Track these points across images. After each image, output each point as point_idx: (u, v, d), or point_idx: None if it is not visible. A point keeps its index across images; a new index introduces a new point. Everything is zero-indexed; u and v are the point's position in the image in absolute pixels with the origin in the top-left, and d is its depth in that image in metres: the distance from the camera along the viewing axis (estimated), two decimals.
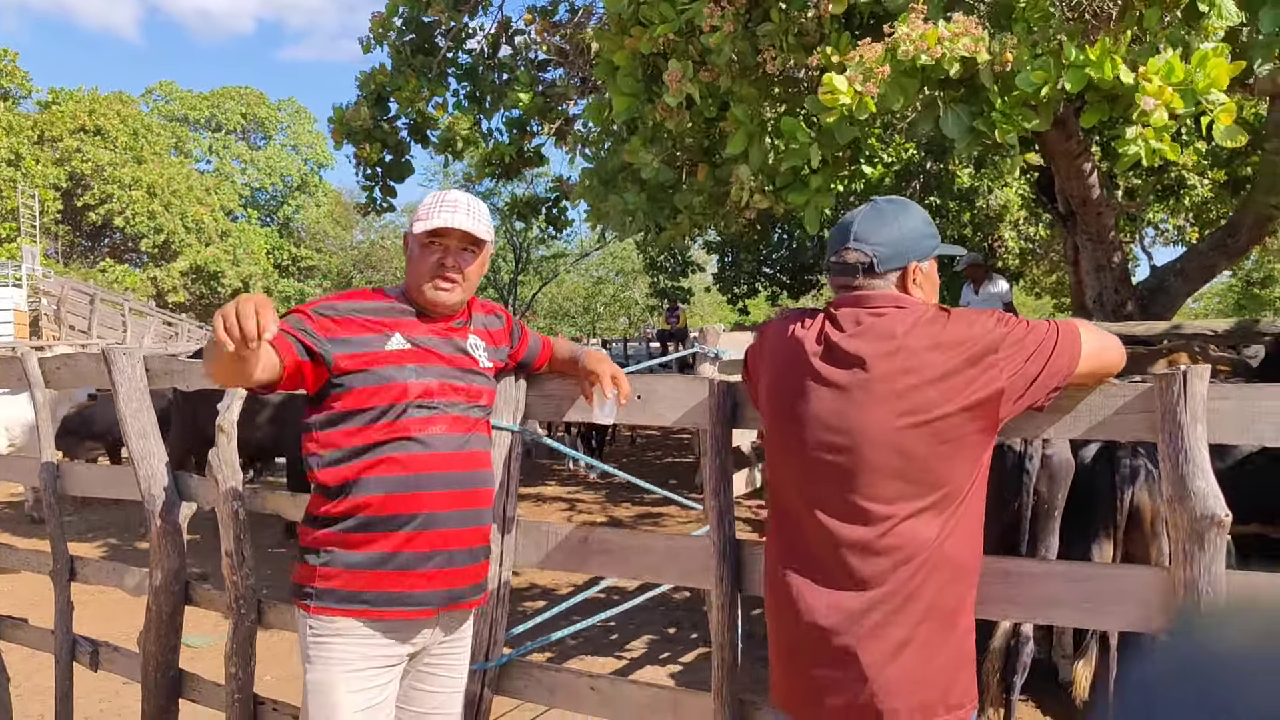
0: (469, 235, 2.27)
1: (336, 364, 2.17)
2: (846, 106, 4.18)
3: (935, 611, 1.79)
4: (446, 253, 2.27)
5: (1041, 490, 3.36)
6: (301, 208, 45.56)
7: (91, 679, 4.32)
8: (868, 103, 4.17)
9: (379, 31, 7.77)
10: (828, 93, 4.18)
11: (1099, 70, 4.07)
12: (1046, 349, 1.81)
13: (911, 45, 4.15)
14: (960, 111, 4.47)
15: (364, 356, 2.19)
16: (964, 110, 4.47)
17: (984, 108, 4.42)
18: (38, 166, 31.07)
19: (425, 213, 2.26)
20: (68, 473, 3.90)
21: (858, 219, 1.95)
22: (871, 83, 4.17)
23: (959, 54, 4.17)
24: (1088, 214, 7.74)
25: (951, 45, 4.16)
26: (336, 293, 2.34)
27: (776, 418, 1.97)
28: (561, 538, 2.67)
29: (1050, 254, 15.65)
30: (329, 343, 2.17)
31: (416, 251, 2.29)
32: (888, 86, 4.20)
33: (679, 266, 22.03)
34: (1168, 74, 4.06)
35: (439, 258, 2.26)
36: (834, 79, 4.16)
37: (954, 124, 4.48)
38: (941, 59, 4.16)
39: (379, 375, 2.19)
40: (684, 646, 5.49)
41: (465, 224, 2.24)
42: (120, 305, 25.36)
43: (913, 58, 4.14)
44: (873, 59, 4.18)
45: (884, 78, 4.17)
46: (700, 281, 28.18)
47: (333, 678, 2.18)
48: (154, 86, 45.16)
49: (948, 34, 4.18)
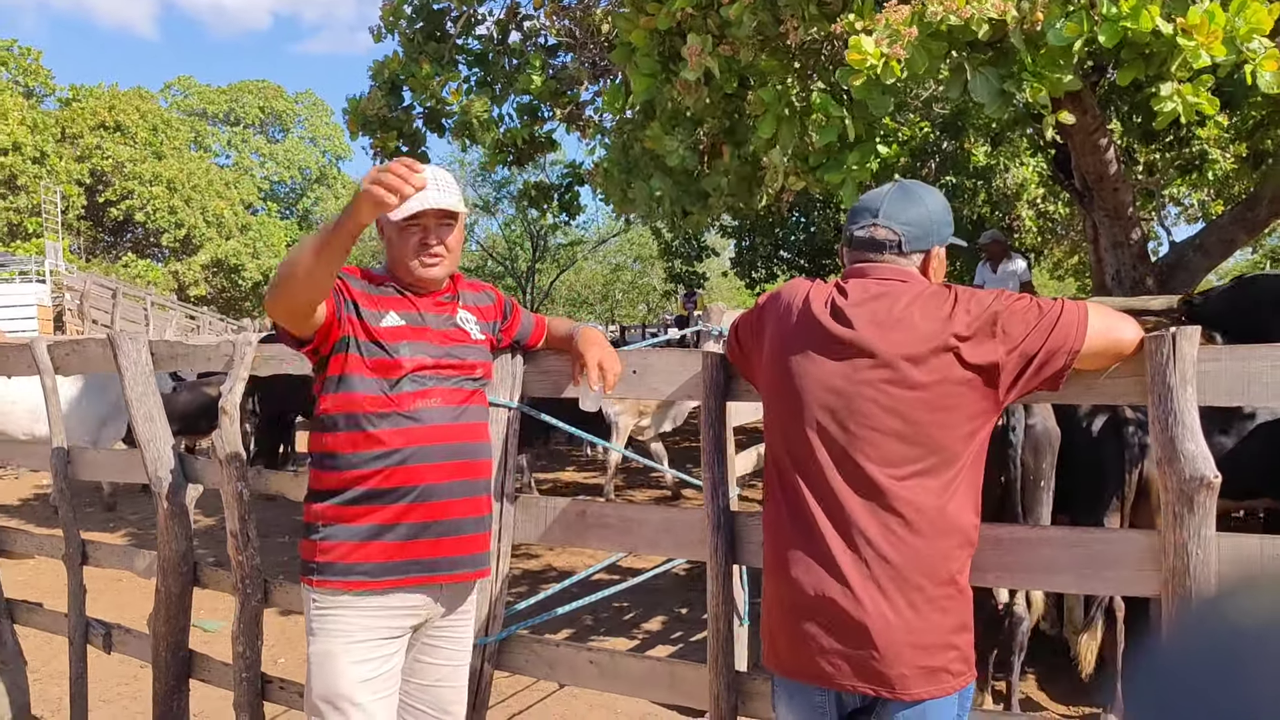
0: (444, 210, 2.27)
1: (352, 322, 2.21)
2: (873, 69, 4.11)
3: (939, 576, 1.80)
4: (426, 231, 2.28)
5: (1027, 461, 3.33)
6: (320, 200, 45.79)
7: (111, 664, 4.38)
8: (894, 66, 4.10)
9: (390, 20, 7.76)
10: (855, 54, 4.12)
11: (1134, 22, 3.97)
12: (1046, 325, 1.80)
13: (940, 6, 4.08)
14: (989, 74, 4.39)
15: (368, 327, 2.23)
16: (993, 73, 4.39)
17: (1013, 69, 4.34)
18: (60, 163, 31.34)
19: None
20: (79, 457, 3.95)
21: (886, 197, 1.99)
22: (899, 45, 4.10)
23: (988, 14, 4.09)
24: (1105, 190, 7.65)
25: (980, 5, 4.08)
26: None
27: (778, 380, 1.98)
28: (559, 512, 2.68)
29: (1071, 233, 15.50)
30: (350, 301, 2.23)
31: (395, 235, 2.30)
32: (915, 50, 4.12)
33: (695, 251, 21.96)
34: (1208, 22, 3.97)
35: (420, 237, 2.28)
36: (861, 40, 4.10)
37: (983, 87, 4.38)
38: (970, 20, 4.08)
39: (376, 348, 2.22)
40: (696, 626, 5.50)
41: (440, 201, 2.24)
42: (143, 299, 25.58)
43: (941, 19, 4.07)
44: (900, 21, 4.11)
45: (911, 40, 4.09)
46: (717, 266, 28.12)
47: (335, 648, 2.20)
48: (172, 82, 45.47)
49: None
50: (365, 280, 2.31)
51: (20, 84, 33.88)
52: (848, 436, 1.83)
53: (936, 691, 1.79)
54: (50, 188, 29.56)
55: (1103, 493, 3.51)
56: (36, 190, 29.71)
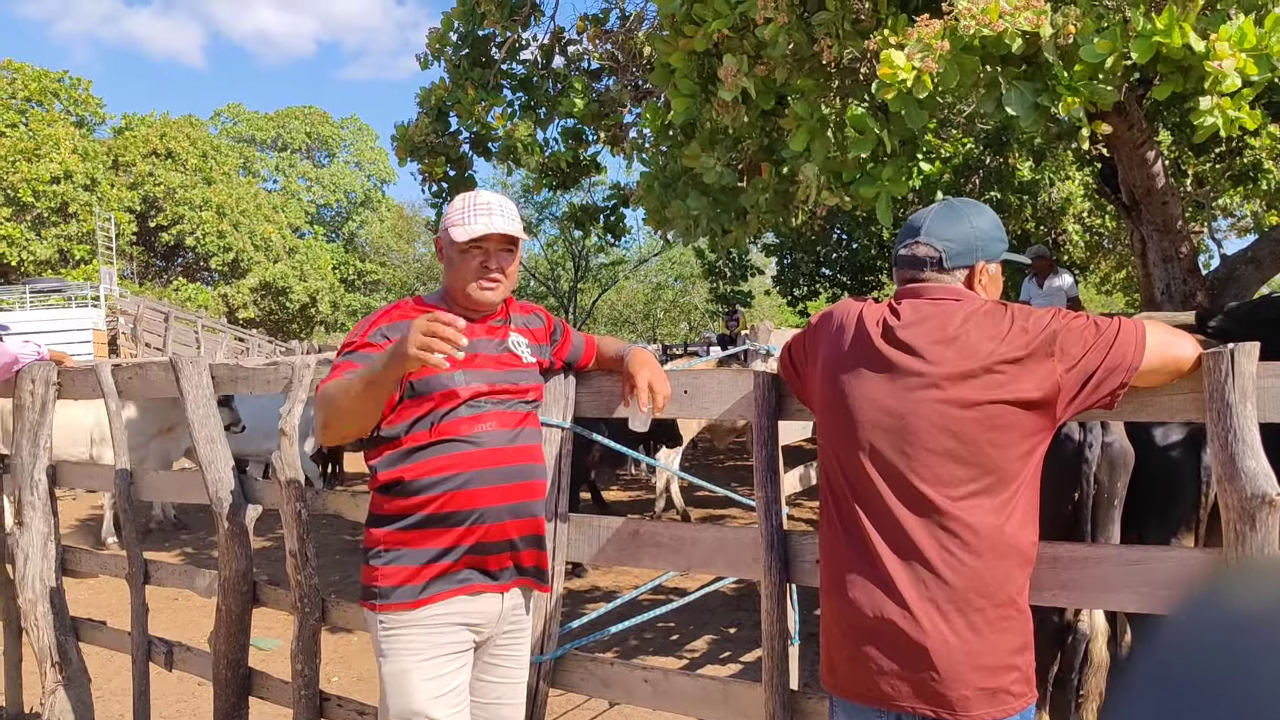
0: (507, 236, 2.32)
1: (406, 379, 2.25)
2: (904, 83, 4.13)
3: (999, 597, 1.79)
4: (488, 255, 2.33)
5: (1102, 479, 3.29)
6: (365, 223, 46.42)
7: (170, 680, 4.47)
8: (925, 80, 4.11)
9: (436, 47, 7.89)
10: (886, 68, 4.14)
11: (1167, 38, 3.96)
12: (1105, 344, 1.80)
13: (972, 20, 4.08)
14: (1023, 88, 4.38)
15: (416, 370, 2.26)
16: (1027, 87, 4.38)
17: (1047, 83, 4.34)
18: (113, 191, 32.09)
19: (460, 218, 2.31)
20: (141, 479, 4.05)
21: (930, 215, 2.01)
22: (930, 59, 4.11)
23: (1021, 28, 4.08)
24: (1153, 204, 7.56)
25: (1013, 19, 4.08)
26: (378, 311, 2.41)
27: (831, 400, 1.99)
28: (613, 532, 2.71)
29: (1118, 247, 15.31)
30: None
31: (456, 257, 2.34)
32: (947, 64, 4.13)
33: (738, 270, 21.95)
34: (1240, 40, 3.95)
35: (481, 261, 2.33)
36: (892, 55, 4.11)
37: (1017, 101, 4.38)
38: (1003, 34, 4.08)
39: (430, 384, 2.26)
40: (745, 646, 5.49)
41: (503, 227, 2.30)
42: (193, 323, 26.07)
43: (974, 33, 4.08)
44: (932, 35, 4.13)
45: (943, 54, 4.10)
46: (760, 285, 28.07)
47: (407, 666, 2.25)
48: (222, 109, 46.42)
49: (1008, 8, 4.09)
50: (411, 317, 2.34)
51: (71, 114, 34.76)
52: (902, 457, 1.84)
53: (998, 713, 1.78)
54: (103, 215, 30.25)
55: (1176, 511, 3.45)
56: (87, 218, 30.42)
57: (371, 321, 2.35)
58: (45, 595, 4.06)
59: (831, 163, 5.07)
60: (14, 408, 4.11)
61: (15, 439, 4.09)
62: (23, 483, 4.05)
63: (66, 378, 4.16)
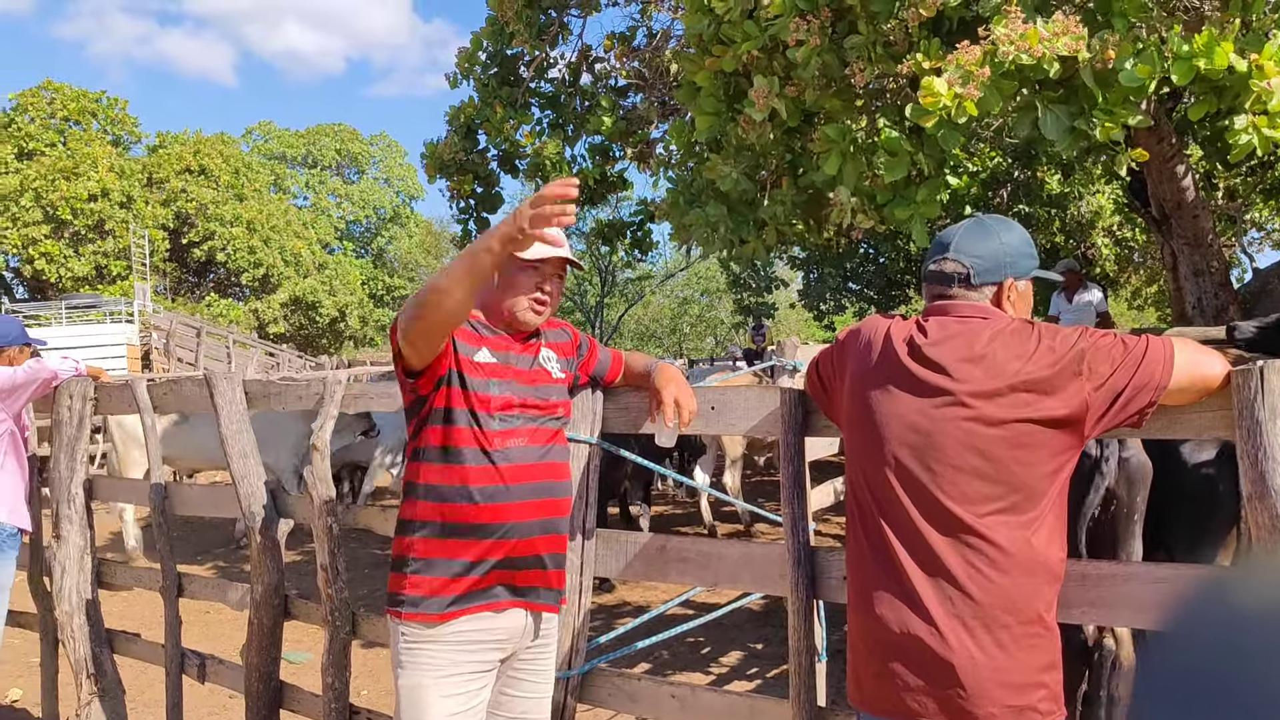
0: (564, 262, 2.37)
1: (455, 356, 2.28)
2: (946, 109, 4.14)
3: (1026, 614, 1.79)
4: (544, 278, 2.37)
5: (1120, 494, 3.27)
6: (394, 239, 46.85)
7: (202, 693, 4.52)
8: (968, 106, 4.12)
9: (465, 66, 7.98)
10: (928, 96, 4.15)
11: (1208, 60, 3.95)
12: (1133, 362, 1.79)
13: (1011, 46, 4.09)
14: (1059, 112, 4.39)
15: (464, 361, 2.30)
16: (1063, 110, 4.38)
17: (1083, 106, 4.34)
18: (147, 208, 32.60)
19: None
20: (175, 493, 4.11)
21: (959, 232, 2.01)
22: (972, 85, 4.12)
23: (1059, 52, 4.09)
24: (1183, 218, 7.52)
25: (1052, 44, 4.09)
26: None
27: (858, 417, 1.99)
28: (640, 547, 2.72)
29: (1149, 261, 15.18)
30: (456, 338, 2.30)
31: (514, 274, 2.35)
32: (987, 89, 4.14)
33: (764, 283, 21.95)
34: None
35: (537, 282, 2.36)
36: (934, 82, 4.12)
37: (1053, 125, 4.38)
38: (1042, 58, 4.09)
39: (470, 383, 2.29)
40: (772, 661, 5.47)
41: (567, 253, 2.36)
42: (225, 337, 26.39)
43: (1013, 59, 4.09)
44: (971, 62, 4.14)
45: (984, 80, 4.11)
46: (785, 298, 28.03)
47: (425, 681, 2.25)
48: (253, 126, 47.02)
49: (1047, 34, 4.10)
50: None
51: (108, 132, 35.37)
52: (929, 474, 1.84)
53: None
54: (138, 231, 30.73)
55: (1210, 527, 3.42)
56: (124, 235, 30.92)
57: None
58: (81, 608, 4.12)
59: (864, 185, 5.08)
60: (52, 423, 4.19)
61: (53, 453, 4.17)
62: (60, 496, 4.12)
63: (103, 393, 4.23)
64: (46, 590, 4.38)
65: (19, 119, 32.72)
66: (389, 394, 3.18)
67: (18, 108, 33.04)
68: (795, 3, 4.72)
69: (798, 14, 4.71)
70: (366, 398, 3.29)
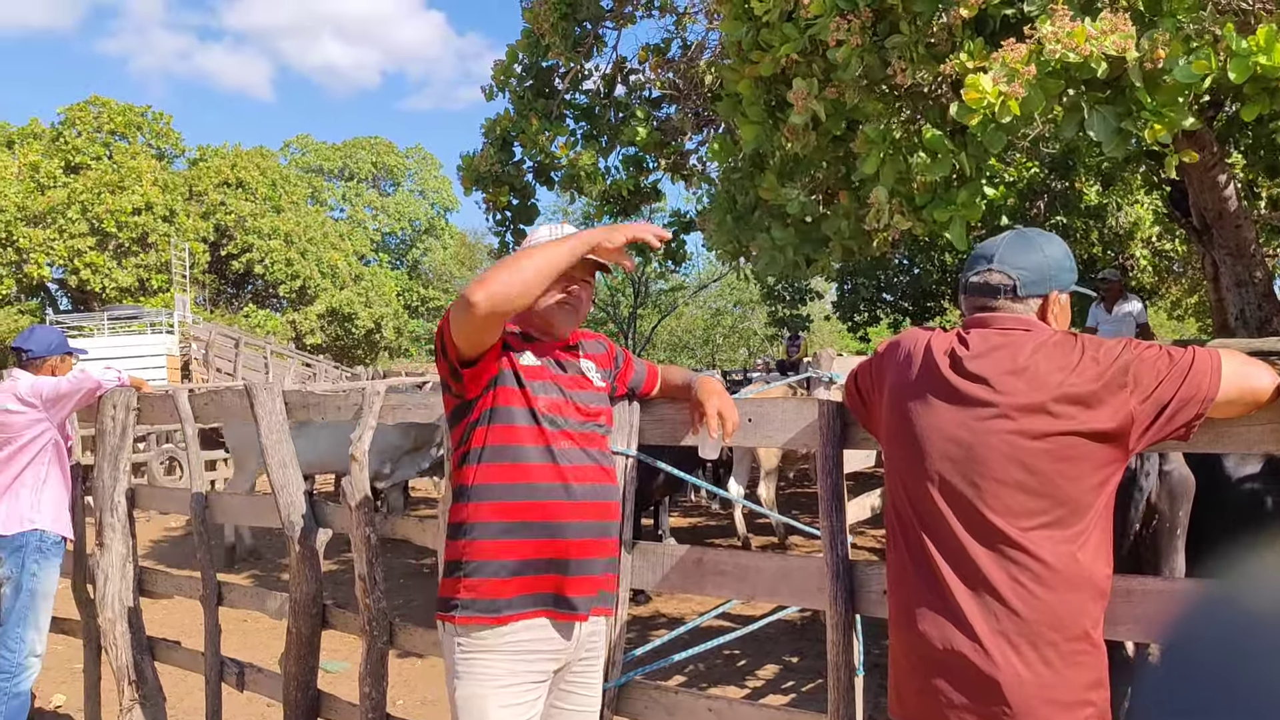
0: (590, 265, 2.38)
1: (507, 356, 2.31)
2: (990, 107, 4.09)
3: (1072, 631, 1.77)
4: (571, 281, 2.37)
5: (1162, 508, 3.22)
6: (429, 250, 47.26)
7: (240, 701, 4.55)
8: (1012, 104, 4.07)
9: (500, 79, 8.06)
10: (972, 92, 4.10)
11: (1269, 57, 3.87)
12: (1179, 374, 1.76)
13: (1058, 44, 4.04)
14: (1106, 112, 4.31)
15: (514, 361, 2.32)
16: (1110, 111, 4.31)
17: (1131, 107, 4.28)
18: (188, 221, 33.13)
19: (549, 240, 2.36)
20: (215, 502, 4.16)
21: (1002, 244, 1.99)
22: (1017, 83, 4.06)
23: (1107, 51, 4.03)
24: (1225, 227, 7.41)
25: (1100, 42, 4.03)
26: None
27: (898, 430, 1.98)
28: (677, 559, 2.72)
29: (1189, 271, 14.98)
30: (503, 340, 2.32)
31: None
32: (1032, 88, 4.09)
33: (797, 294, 21.87)
34: None
35: (563, 284, 2.37)
36: (979, 79, 4.08)
37: (1100, 126, 4.31)
38: (1090, 57, 4.03)
39: (526, 382, 2.31)
40: (808, 675, 5.44)
41: (589, 255, 2.34)
42: (262, 348, 26.68)
43: (1059, 57, 4.03)
44: (1017, 60, 4.09)
45: (1029, 78, 4.06)
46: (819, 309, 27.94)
47: (484, 691, 2.24)
48: (291, 140, 47.76)
49: (1095, 32, 4.04)
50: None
51: (153, 146, 36.01)
52: (971, 488, 1.82)
53: None
54: (179, 244, 31.23)
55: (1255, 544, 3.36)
56: (165, 248, 31.45)
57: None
58: (123, 615, 4.18)
59: (903, 186, 5.03)
60: (96, 432, 4.25)
61: (96, 462, 4.23)
62: (103, 505, 4.18)
63: (146, 403, 4.30)
64: (89, 597, 4.44)
65: (66, 133, 33.40)
66: (426, 405, 3.20)
67: (65, 122, 33.73)
68: (835, 2, 4.69)
69: (838, 14, 4.67)
70: (405, 409, 3.31)
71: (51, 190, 31.03)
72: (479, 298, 2.12)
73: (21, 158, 31.65)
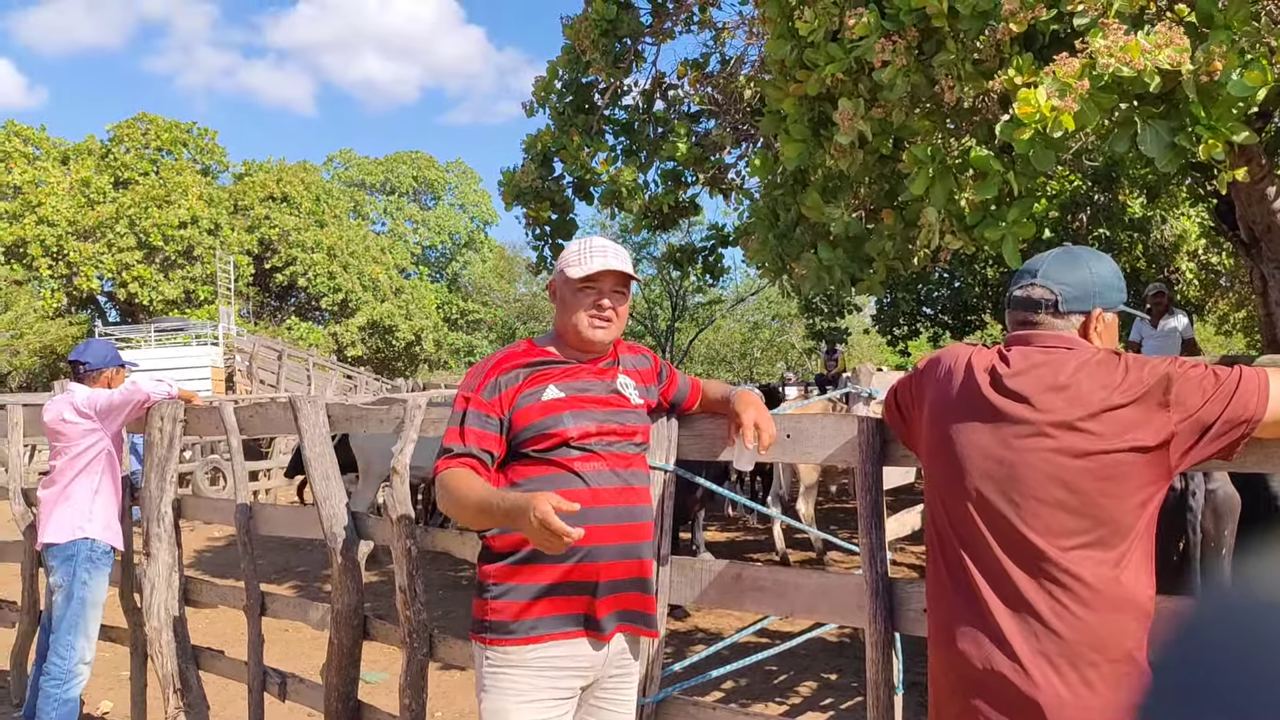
0: (621, 276, 2.39)
1: (513, 424, 2.33)
2: (1042, 121, 4.04)
3: (1115, 652, 1.75)
4: (601, 294, 2.39)
5: (1208, 528, 3.17)
6: (469, 264, 47.64)
7: (281, 710, 4.61)
8: (1065, 119, 4.02)
9: (541, 95, 8.13)
10: (1025, 106, 4.05)
11: None
12: (1225, 394, 1.74)
13: (1111, 58, 3.99)
14: (1159, 127, 4.25)
15: (527, 411, 2.33)
16: (1163, 126, 4.25)
17: (1184, 122, 4.21)
18: (233, 234, 33.69)
19: (576, 259, 2.38)
20: (259, 513, 4.22)
21: (1048, 259, 1.99)
22: (1070, 97, 4.02)
23: (1161, 65, 3.98)
24: (1274, 240, 7.29)
25: (1154, 56, 3.98)
26: (495, 357, 2.47)
27: (938, 447, 1.97)
28: (715, 575, 2.72)
29: (1237, 285, 14.72)
30: (506, 416, 2.34)
31: (570, 296, 2.40)
32: (1085, 103, 4.04)
33: (836, 308, 21.77)
34: None
35: (594, 299, 2.38)
36: (1032, 93, 4.03)
37: (1153, 141, 4.23)
38: (1143, 71, 3.98)
39: (539, 426, 2.31)
40: (846, 693, 5.39)
41: (617, 265, 2.36)
42: (305, 360, 27.02)
43: (1112, 71, 3.98)
44: (1070, 74, 4.04)
45: (1083, 92, 4.02)
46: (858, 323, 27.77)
47: (509, 706, 2.27)
48: (334, 154, 48.40)
49: (1149, 45, 3.99)
50: (521, 362, 2.40)
51: (198, 162, 36.69)
52: (1011, 506, 1.81)
53: None
54: (224, 257, 31.76)
55: None
56: (211, 261, 32.00)
57: (486, 372, 2.39)
58: (169, 624, 4.25)
59: (953, 205, 4.99)
60: (145, 444, 4.34)
61: (145, 473, 4.31)
62: (151, 515, 4.26)
63: (192, 415, 4.37)
64: (136, 606, 4.52)
65: (115, 149, 34.15)
66: None
67: (114, 139, 34.50)
68: (881, 23, 4.68)
69: (883, 35, 4.65)
70: (445, 423, 3.34)
71: (101, 205, 31.74)
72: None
73: (75, 174, 32.40)
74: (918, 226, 5.22)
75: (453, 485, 2.23)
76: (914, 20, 4.62)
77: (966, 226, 5.00)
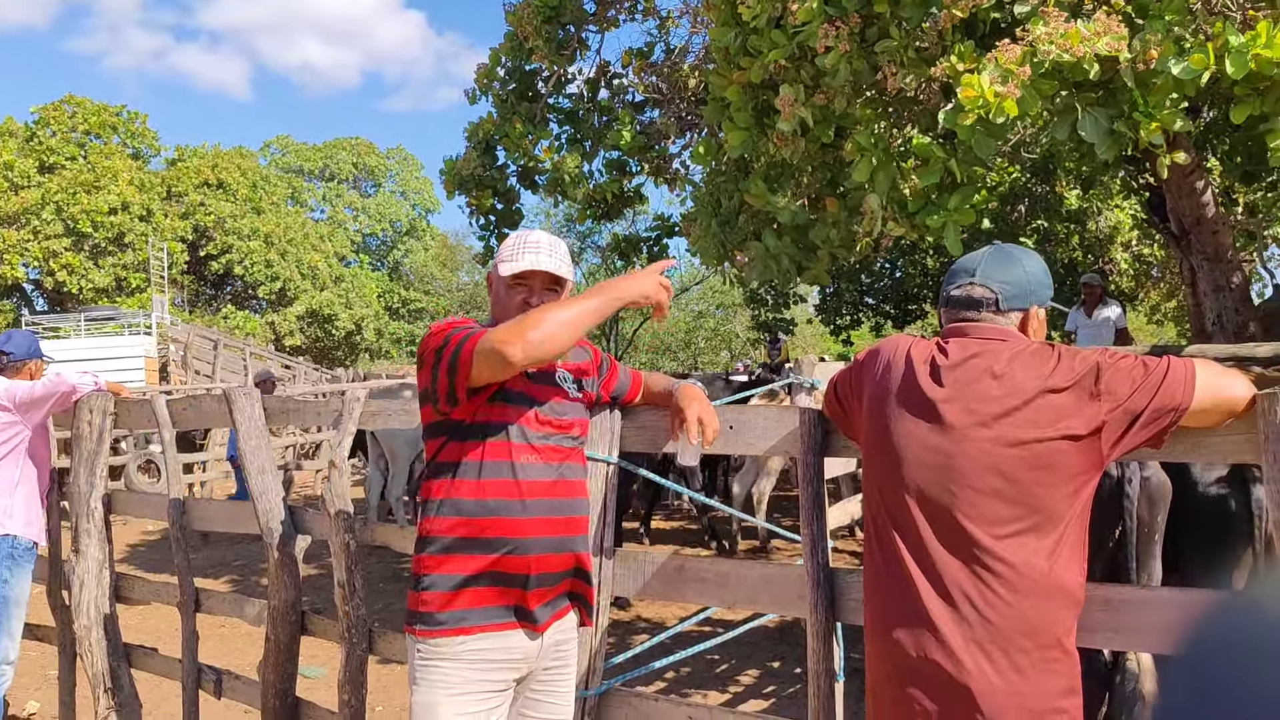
0: (552, 275, 2.36)
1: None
2: (985, 107, 4.09)
3: (1044, 638, 1.78)
4: (531, 292, 2.36)
5: (1142, 514, 3.25)
6: (410, 252, 47.08)
7: (217, 708, 4.52)
8: (1008, 105, 4.08)
9: (484, 82, 8.02)
10: (968, 91, 4.09)
11: (1272, 50, 3.87)
12: (1153, 384, 1.78)
13: (1052, 45, 4.05)
14: (1099, 114, 4.33)
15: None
16: (1102, 113, 4.32)
17: (1123, 109, 4.30)
18: (166, 221, 32.88)
19: (510, 254, 2.35)
20: (193, 509, 4.12)
21: (983, 259, 2.03)
22: (1012, 83, 4.07)
23: (1100, 52, 4.05)
24: (1203, 233, 7.47)
25: (1093, 44, 4.05)
26: (450, 319, 2.42)
27: (877, 438, 1.99)
28: (658, 566, 2.71)
29: (1168, 276, 15.10)
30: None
31: (503, 292, 2.39)
32: (1026, 89, 4.10)
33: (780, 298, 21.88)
34: None
35: (524, 297, 2.35)
36: (975, 79, 4.07)
37: (1093, 127, 4.31)
38: (1082, 58, 4.05)
39: (506, 398, 2.29)
40: (789, 680, 5.44)
41: (548, 265, 2.33)
42: (241, 350, 26.54)
43: (1053, 58, 4.04)
44: (1011, 61, 4.09)
45: (1024, 79, 4.07)
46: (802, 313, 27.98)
47: (438, 699, 2.24)
48: (271, 140, 47.43)
49: (1088, 33, 4.06)
50: None
51: (128, 146, 35.73)
52: (948, 495, 1.84)
53: None
54: (156, 244, 31.00)
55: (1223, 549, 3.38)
56: (142, 247, 31.21)
57: (451, 322, 2.33)
58: (99, 621, 4.13)
59: (895, 192, 5.02)
60: (73, 437, 4.21)
61: (73, 468, 4.19)
62: (79, 510, 4.13)
63: (123, 408, 4.26)
64: (65, 604, 4.39)
65: (40, 133, 33.09)
66: (407, 411, 3.19)
67: (39, 121, 33.42)
68: (824, 9, 4.69)
69: (826, 20, 4.67)
70: (385, 415, 3.29)
71: (25, 190, 30.73)
72: (516, 354, 2.09)
73: None
74: (861, 214, 5.25)
75: (550, 308, 2.17)
76: (857, 6, 4.64)
77: (909, 214, 5.04)
